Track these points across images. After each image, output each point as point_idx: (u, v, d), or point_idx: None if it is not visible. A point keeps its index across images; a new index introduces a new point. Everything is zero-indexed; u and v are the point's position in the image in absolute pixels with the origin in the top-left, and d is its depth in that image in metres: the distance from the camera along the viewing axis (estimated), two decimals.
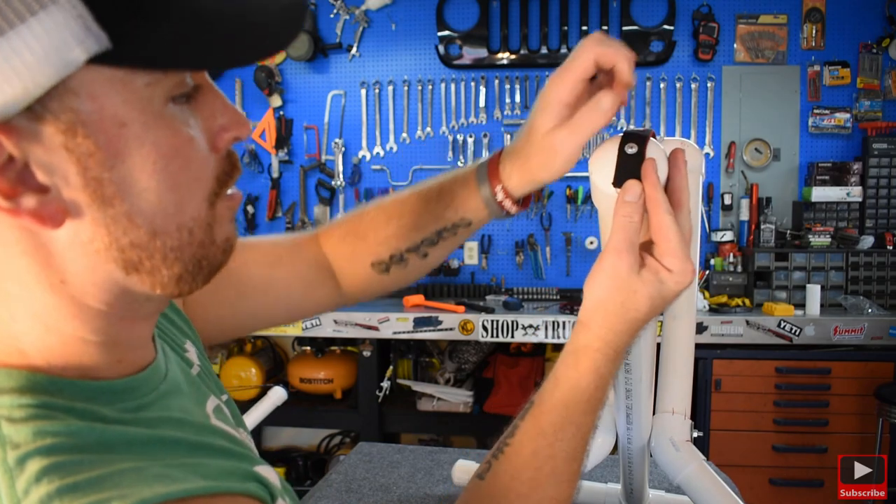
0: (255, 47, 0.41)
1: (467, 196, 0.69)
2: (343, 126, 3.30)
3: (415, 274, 0.76)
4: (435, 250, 0.73)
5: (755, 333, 2.61)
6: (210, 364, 0.66)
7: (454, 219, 0.70)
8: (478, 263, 3.24)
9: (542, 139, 0.61)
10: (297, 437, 3.33)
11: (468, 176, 0.69)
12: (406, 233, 0.72)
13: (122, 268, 0.42)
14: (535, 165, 0.63)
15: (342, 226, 0.78)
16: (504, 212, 0.69)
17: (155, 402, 0.47)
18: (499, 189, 0.67)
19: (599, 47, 0.58)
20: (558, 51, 3.11)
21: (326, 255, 0.78)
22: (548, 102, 0.61)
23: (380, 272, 0.75)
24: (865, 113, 3.00)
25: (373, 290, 0.79)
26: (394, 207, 0.74)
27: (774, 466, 2.61)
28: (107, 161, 0.38)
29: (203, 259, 0.45)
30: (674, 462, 0.85)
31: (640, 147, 0.55)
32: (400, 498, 1.24)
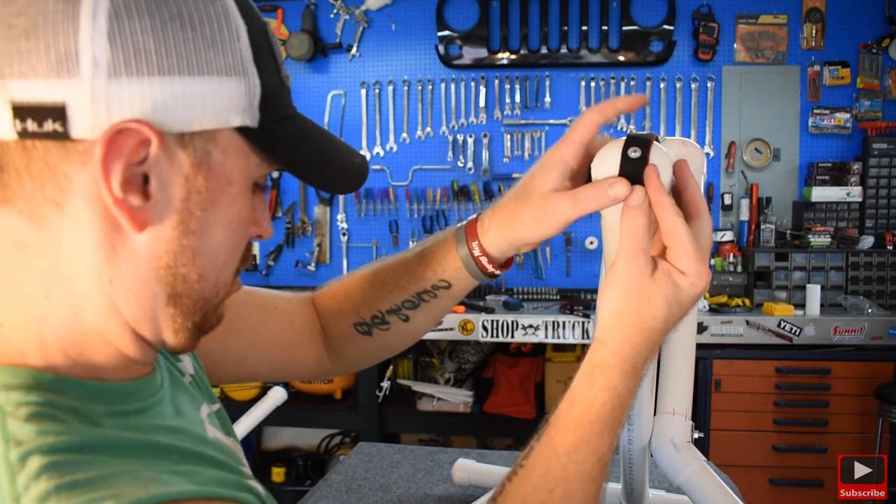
0: (334, 182, 0.55)
1: (445, 255, 0.68)
2: (343, 126, 3.30)
3: (398, 340, 0.76)
4: (417, 314, 0.72)
5: (755, 333, 2.61)
6: (204, 373, 0.67)
7: (433, 280, 0.70)
8: None
9: (540, 199, 0.59)
10: (297, 437, 3.33)
11: (448, 235, 0.69)
12: (388, 293, 0.72)
13: (166, 293, 0.46)
14: (523, 223, 0.61)
15: (335, 285, 0.79)
16: (483, 272, 0.67)
17: (152, 408, 0.49)
18: (475, 245, 0.65)
19: (598, 106, 0.59)
20: (558, 51, 3.11)
21: (319, 315, 0.79)
22: (551, 163, 0.59)
23: (362, 333, 0.75)
24: (865, 113, 3.00)
25: (357, 355, 0.79)
26: (380, 268, 0.74)
27: (774, 466, 2.61)
28: (205, 202, 0.45)
29: (210, 315, 0.50)
30: (674, 463, 0.85)
31: (643, 151, 0.55)
32: (400, 498, 1.24)
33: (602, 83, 3.13)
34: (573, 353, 3.12)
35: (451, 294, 0.71)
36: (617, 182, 0.54)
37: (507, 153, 3.20)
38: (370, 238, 3.32)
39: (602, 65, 3.10)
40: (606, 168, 0.56)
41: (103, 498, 0.36)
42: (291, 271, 3.38)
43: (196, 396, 0.58)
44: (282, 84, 0.48)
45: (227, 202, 0.46)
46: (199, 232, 0.45)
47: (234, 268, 0.50)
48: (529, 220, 0.60)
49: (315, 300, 0.80)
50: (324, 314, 0.79)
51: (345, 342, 0.77)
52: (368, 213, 3.29)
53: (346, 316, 0.76)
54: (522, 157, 3.19)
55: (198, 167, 0.44)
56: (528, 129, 3.18)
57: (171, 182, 0.43)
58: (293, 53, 3.20)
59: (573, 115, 3.15)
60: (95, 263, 0.44)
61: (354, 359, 0.79)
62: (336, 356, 0.79)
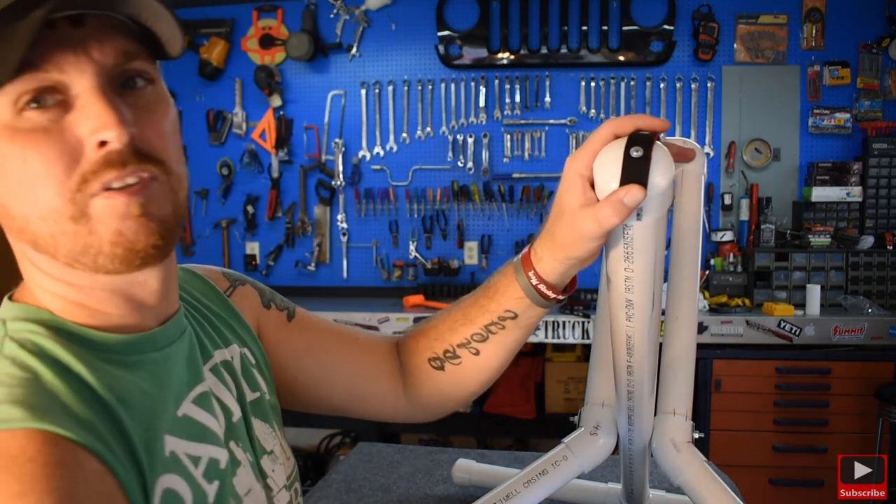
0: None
1: (507, 286, 0.70)
2: (343, 126, 3.30)
3: (471, 376, 0.76)
4: (486, 347, 0.74)
5: (755, 333, 2.61)
6: (256, 369, 0.72)
7: (499, 311, 0.71)
8: (478, 263, 3.24)
9: (571, 218, 0.60)
10: (297, 437, 3.33)
11: (509, 267, 0.71)
12: (458, 327, 0.74)
13: (31, 246, 0.53)
14: (567, 245, 0.62)
15: (418, 325, 0.81)
16: (545, 298, 0.67)
17: (128, 364, 0.55)
18: (531, 274, 0.66)
19: (616, 119, 0.59)
20: (558, 51, 3.11)
21: (399, 353, 0.82)
22: (571, 179, 0.59)
23: (436, 368, 0.77)
24: (865, 113, 3.00)
25: (432, 392, 0.79)
26: (453, 305, 0.77)
27: (774, 466, 2.61)
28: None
29: (89, 247, 0.51)
30: (675, 463, 0.85)
31: (645, 150, 0.54)
32: (400, 498, 1.23)
33: (602, 83, 3.13)
34: (573, 353, 3.12)
35: (519, 324, 0.71)
36: (630, 189, 0.54)
37: (507, 153, 3.20)
38: (370, 238, 3.32)
39: (602, 65, 3.10)
40: (609, 168, 0.55)
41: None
42: (291, 271, 3.38)
43: (193, 374, 0.61)
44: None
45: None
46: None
47: (52, 194, 0.50)
48: (571, 241, 0.61)
49: (399, 341, 0.83)
50: (403, 352, 0.81)
51: (420, 378, 0.79)
52: (368, 213, 3.29)
53: (421, 351, 0.78)
54: (522, 157, 3.19)
55: None
56: (528, 129, 3.18)
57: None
58: (293, 53, 3.20)
59: (573, 115, 3.15)
60: None
61: (431, 397, 0.80)
62: (413, 394, 0.80)
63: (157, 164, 0.53)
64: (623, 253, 0.60)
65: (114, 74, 0.52)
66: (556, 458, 0.89)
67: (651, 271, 0.61)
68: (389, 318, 2.76)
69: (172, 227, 0.55)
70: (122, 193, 0.51)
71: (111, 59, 0.51)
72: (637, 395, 0.75)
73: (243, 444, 0.64)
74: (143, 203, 0.51)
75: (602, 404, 0.90)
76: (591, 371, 0.93)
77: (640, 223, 0.57)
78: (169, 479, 0.52)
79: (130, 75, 0.53)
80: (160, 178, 0.53)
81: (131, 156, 0.51)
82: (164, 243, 0.53)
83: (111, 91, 0.51)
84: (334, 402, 0.81)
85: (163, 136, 0.54)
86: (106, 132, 0.49)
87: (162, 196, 0.53)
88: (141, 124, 0.52)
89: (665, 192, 0.55)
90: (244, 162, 3.34)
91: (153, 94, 0.55)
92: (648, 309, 0.64)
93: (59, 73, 0.49)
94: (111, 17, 0.51)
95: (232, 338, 0.71)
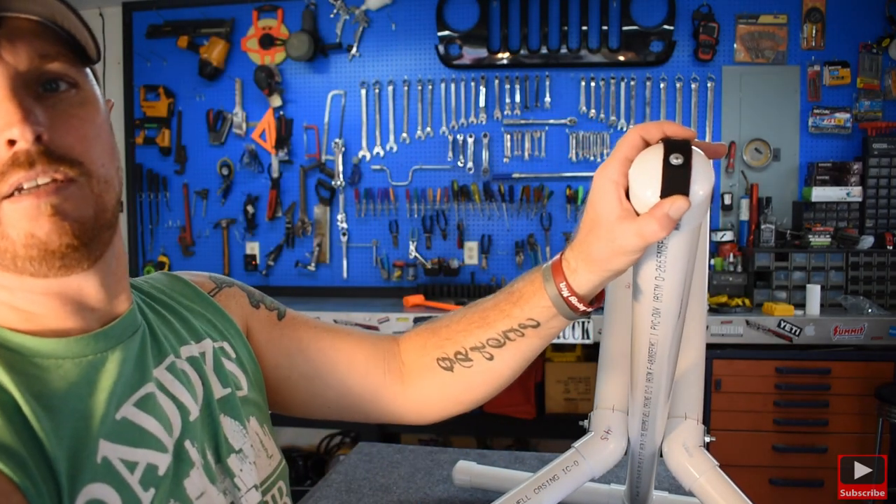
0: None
1: (533, 294, 0.67)
2: (343, 126, 3.30)
3: (481, 381, 0.74)
4: (502, 353, 0.71)
5: (755, 333, 2.61)
6: (236, 363, 0.71)
7: (521, 318, 0.69)
8: (478, 263, 3.24)
9: (608, 230, 0.57)
10: (297, 437, 3.33)
11: (536, 275, 0.68)
12: (473, 329, 0.72)
13: None
14: (605, 258, 0.59)
15: (425, 324, 0.80)
16: (573, 311, 0.65)
17: (69, 369, 0.54)
18: (563, 286, 0.64)
19: (643, 125, 0.57)
20: (558, 51, 3.11)
21: (400, 351, 0.80)
22: (604, 189, 0.57)
23: (444, 368, 0.75)
24: (865, 113, 3.00)
25: (435, 390, 0.77)
26: (468, 307, 0.75)
27: (774, 466, 2.61)
28: None
29: (5, 251, 0.51)
30: (687, 468, 0.84)
31: (685, 158, 0.52)
32: (400, 498, 1.23)
33: (602, 83, 3.13)
34: (573, 353, 3.12)
35: (540, 333, 0.69)
36: (675, 201, 0.52)
37: (507, 153, 3.20)
38: (370, 238, 3.32)
39: (602, 65, 3.10)
40: (648, 177, 0.53)
41: None
42: (291, 271, 3.38)
43: (139, 376, 0.59)
44: None
45: None
46: None
47: None
48: (609, 254, 0.58)
49: (400, 339, 0.81)
50: (406, 349, 0.79)
51: (425, 377, 0.77)
52: (368, 213, 3.29)
53: (429, 350, 0.76)
54: (522, 157, 3.19)
55: None
56: (528, 129, 3.18)
57: None
58: (293, 53, 3.20)
59: (573, 115, 3.15)
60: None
61: (434, 398, 0.78)
62: (415, 393, 0.78)
63: (74, 166, 0.52)
64: (656, 263, 0.58)
65: (30, 77, 0.51)
66: (567, 463, 0.88)
67: (683, 281, 0.60)
68: (389, 318, 2.76)
69: (93, 229, 0.53)
70: (31, 195, 0.50)
71: (24, 60, 0.51)
72: (654, 401, 0.74)
73: (200, 445, 0.62)
74: (56, 203, 0.51)
75: (613, 408, 0.89)
76: (600, 375, 0.92)
77: (678, 233, 0.55)
78: (96, 489, 0.50)
79: (50, 78, 0.53)
80: (78, 180, 0.52)
81: (41, 156, 0.50)
82: (82, 244, 0.52)
83: (24, 92, 0.50)
84: (329, 401, 0.79)
85: (83, 138, 0.53)
86: (10, 130, 0.49)
87: (80, 198, 0.52)
88: (57, 126, 0.52)
89: (704, 201, 0.53)
90: (244, 162, 3.34)
91: (77, 97, 0.54)
92: (675, 317, 0.63)
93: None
94: (28, 20, 0.51)
95: (206, 332, 0.70)
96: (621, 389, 0.87)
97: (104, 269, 0.58)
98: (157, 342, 0.64)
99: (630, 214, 0.55)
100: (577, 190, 3.13)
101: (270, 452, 0.72)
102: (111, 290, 0.59)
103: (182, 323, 0.68)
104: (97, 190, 0.54)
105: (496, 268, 3.25)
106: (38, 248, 0.51)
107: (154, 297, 0.69)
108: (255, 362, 0.74)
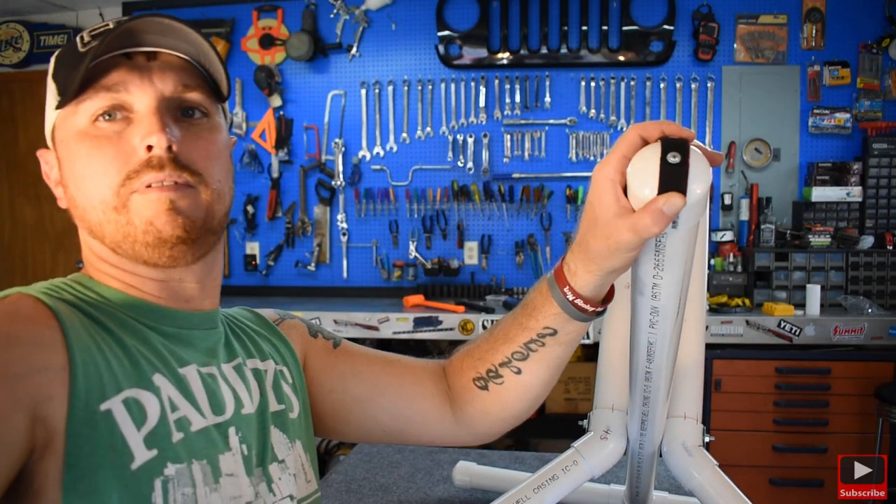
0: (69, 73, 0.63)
1: (543, 303, 0.68)
2: (343, 126, 3.30)
3: (515, 396, 0.76)
4: (528, 365, 0.73)
5: (755, 333, 2.61)
6: (290, 388, 0.76)
7: (537, 328, 0.70)
8: (478, 263, 3.24)
9: (606, 228, 0.57)
10: None
11: (542, 283, 0.69)
12: (499, 346, 0.74)
13: (87, 232, 0.65)
14: (603, 257, 0.60)
15: (464, 345, 0.82)
16: (583, 313, 0.66)
17: (152, 329, 0.64)
18: (567, 290, 0.65)
19: (642, 123, 0.57)
20: (558, 51, 3.11)
21: (446, 374, 0.83)
22: (602, 187, 0.57)
23: (480, 388, 0.77)
24: (865, 113, 3.00)
25: (478, 414, 0.79)
26: (496, 324, 0.77)
27: (774, 466, 2.61)
28: (63, 163, 0.65)
29: (128, 236, 0.62)
30: (686, 467, 0.84)
31: (683, 156, 0.52)
32: (400, 498, 1.23)
33: (602, 83, 3.13)
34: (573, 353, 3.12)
35: (559, 340, 0.70)
36: (670, 197, 0.52)
37: (507, 153, 3.20)
38: (370, 238, 3.32)
39: (602, 65, 3.10)
40: (645, 174, 0.53)
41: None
42: (291, 271, 3.38)
43: (207, 359, 0.67)
44: (74, 59, 0.62)
45: (67, 155, 0.64)
46: (68, 184, 0.64)
47: (104, 187, 0.61)
48: (606, 252, 0.59)
49: (445, 363, 0.84)
50: (450, 373, 0.82)
51: (466, 398, 0.79)
52: (368, 213, 3.29)
53: (466, 371, 0.78)
54: (522, 156, 3.19)
55: (55, 147, 0.66)
56: (528, 129, 3.18)
57: (53, 165, 0.67)
58: (293, 53, 3.20)
59: (573, 115, 3.15)
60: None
61: (477, 418, 0.80)
62: (460, 415, 0.80)
63: (194, 175, 0.63)
64: (654, 261, 0.58)
65: (172, 102, 0.63)
66: (567, 463, 0.88)
67: (681, 280, 0.60)
68: (389, 318, 2.76)
69: (201, 229, 0.63)
70: (156, 191, 0.61)
71: (170, 87, 0.63)
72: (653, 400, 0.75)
73: (245, 439, 0.65)
74: (173, 199, 0.61)
75: (612, 408, 0.89)
76: (600, 375, 0.92)
77: (675, 232, 0.55)
78: (139, 393, 0.57)
79: (188, 105, 0.65)
80: (196, 186, 0.63)
81: (170, 162, 0.61)
82: (189, 239, 0.62)
83: (166, 113, 0.62)
84: (382, 425, 0.82)
85: (206, 155, 0.64)
86: (150, 137, 0.60)
87: (194, 201, 0.63)
88: (187, 142, 0.63)
89: (702, 200, 0.53)
90: (244, 162, 3.34)
91: (206, 123, 0.66)
92: (674, 316, 0.63)
93: (127, 93, 0.62)
94: (178, 57, 0.65)
95: (270, 354, 0.76)
96: (621, 389, 0.87)
97: (204, 269, 0.68)
98: (230, 346, 0.72)
99: (627, 211, 0.55)
100: (577, 190, 3.13)
101: (309, 478, 0.74)
102: (206, 289, 0.69)
103: (252, 342, 0.75)
104: (210, 199, 0.64)
105: (496, 268, 3.25)
106: (154, 235, 0.61)
107: (231, 318, 0.78)
108: (307, 393, 0.79)
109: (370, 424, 0.82)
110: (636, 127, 0.57)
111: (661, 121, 0.56)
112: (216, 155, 0.66)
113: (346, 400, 0.81)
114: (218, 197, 0.65)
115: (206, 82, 0.66)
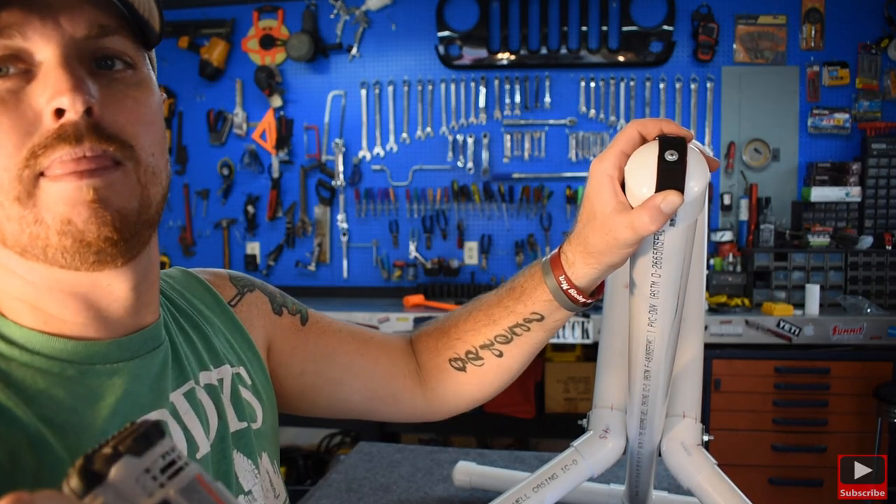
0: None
1: (535, 288, 0.68)
2: (343, 126, 3.31)
3: (492, 378, 0.75)
4: (510, 349, 0.72)
5: (754, 333, 2.61)
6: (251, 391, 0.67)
7: (525, 313, 0.69)
8: (478, 263, 3.24)
9: (604, 223, 0.57)
10: (297, 436, 3.33)
11: (536, 269, 0.69)
12: (481, 328, 0.73)
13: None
14: (601, 251, 0.60)
15: (432, 323, 0.80)
16: (573, 303, 0.66)
17: (72, 379, 0.49)
18: (562, 279, 0.65)
19: (641, 120, 0.57)
20: (558, 51, 3.11)
21: (414, 352, 0.81)
22: (600, 182, 0.57)
23: (457, 369, 0.76)
24: (864, 113, 3.01)
25: (451, 393, 0.78)
26: (474, 305, 0.76)
27: (774, 466, 2.62)
28: None
29: (37, 238, 0.46)
30: (685, 467, 0.85)
31: (680, 154, 0.53)
32: (400, 498, 1.24)
33: (602, 83, 3.13)
34: (573, 353, 3.12)
35: (544, 326, 0.70)
36: (668, 195, 0.52)
37: (507, 153, 3.20)
38: (370, 238, 3.33)
39: (602, 65, 3.11)
40: (643, 172, 0.54)
41: None
42: (291, 271, 3.39)
43: (154, 398, 0.55)
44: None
45: None
46: None
47: (4, 164, 0.45)
48: (604, 247, 0.59)
49: (413, 338, 0.82)
50: (420, 350, 0.80)
51: (440, 378, 0.78)
52: (368, 213, 3.30)
53: (441, 351, 0.77)
54: (522, 157, 3.19)
55: None
56: (528, 130, 3.18)
57: None
58: (293, 54, 3.21)
59: (573, 116, 3.15)
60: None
61: (449, 397, 0.79)
62: (431, 394, 0.79)
63: (123, 148, 0.48)
64: (652, 258, 0.58)
65: (85, 49, 0.47)
66: (566, 462, 0.88)
67: (679, 277, 0.60)
68: (389, 318, 2.77)
69: (135, 224, 0.49)
70: (74, 176, 0.45)
71: (82, 30, 0.47)
72: (652, 399, 0.75)
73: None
74: (99, 188, 0.46)
75: (611, 407, 0.90)
76: (599, 374, 0.92)
77: (673, 229, 0.55)
78: None
79: (106, 54, 0.49)
80: (126, 164, 0.48)
81: (89, 131, 0.46)
82: (121, 239, 0.48)
83: (79, 64, 0.47)
84: (353, 405, 0.80)
85: (136, 120, 0.49)
86: (60, 98, 0.44)
87: (124, 186, 0.48)
88: (110, 103, 0.47)
89: (699, 198, 0.54)
90: (245, 162, 3.34)
91: (133, 78, 0.50)
92: (672, 314, 0.64)
93: (24, 39, 0.45)
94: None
95: (226, 355, 0.66)
96: (620, 388, 0.87)
97: (138, 270, 0.53)
98: (179, 363, 0.59)
99: (625, 208, 0.56)
100: (576, 190, 3.13)
101: (278, 492, 0.69)
102: (141, 296, 0.54)
103: (204, 343, 0.64)
104: (143, 180, 0.49)
105: (496, 268, 3.25)
106: (72, 238, 0.46)
107: (179, 308, 0.65)
108: (271, 387, 0.72)
109: (341, 405, 0.79)
110: (635, 123, 0.57)
111: (660, 119, 0.56)
112: (148, 119, 0.50)
113: (319, 383, 0.76)
114: (153, 177, 0.50)
115: (129, 24, 0.50)
